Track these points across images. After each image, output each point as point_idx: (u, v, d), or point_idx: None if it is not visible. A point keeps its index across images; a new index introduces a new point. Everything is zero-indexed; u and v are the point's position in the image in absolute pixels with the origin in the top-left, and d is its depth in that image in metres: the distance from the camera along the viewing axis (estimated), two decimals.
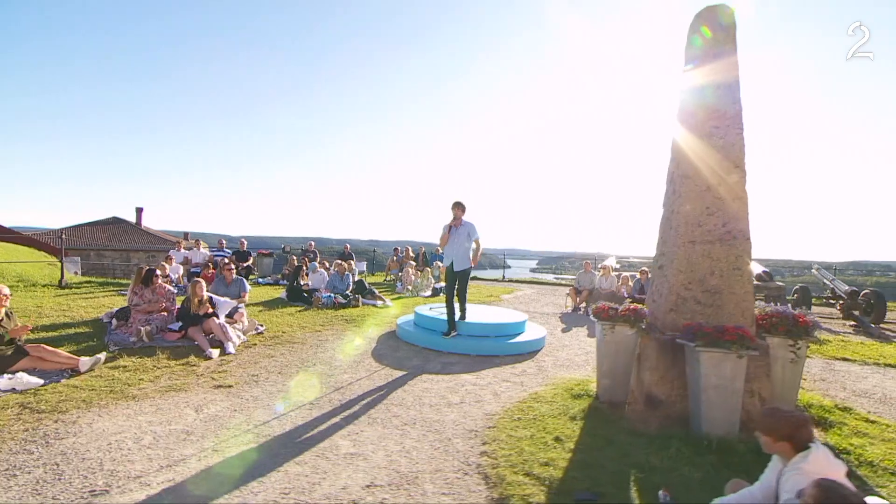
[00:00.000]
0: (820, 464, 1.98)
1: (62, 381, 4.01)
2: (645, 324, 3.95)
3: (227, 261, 8.98)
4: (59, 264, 9.88)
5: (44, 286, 9.34)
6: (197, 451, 3.00)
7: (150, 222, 33.68)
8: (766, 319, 3.83)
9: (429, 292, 11.18)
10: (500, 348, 5.90)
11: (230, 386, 4.24)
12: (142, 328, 5.23)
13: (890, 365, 5.88)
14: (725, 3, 3.99)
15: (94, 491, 2.50)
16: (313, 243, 13.12)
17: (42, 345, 4.24)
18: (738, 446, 3.11)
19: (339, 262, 9.71)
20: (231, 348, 5.28)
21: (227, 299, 6.12)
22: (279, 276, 11.57)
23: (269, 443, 3.17)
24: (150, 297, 5.79)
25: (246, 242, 11.85)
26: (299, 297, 8.51)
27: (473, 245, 5.93)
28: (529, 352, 6.01)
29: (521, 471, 2.80)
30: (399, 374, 4.88)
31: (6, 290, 4.15)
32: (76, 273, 12.29)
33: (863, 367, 5.84)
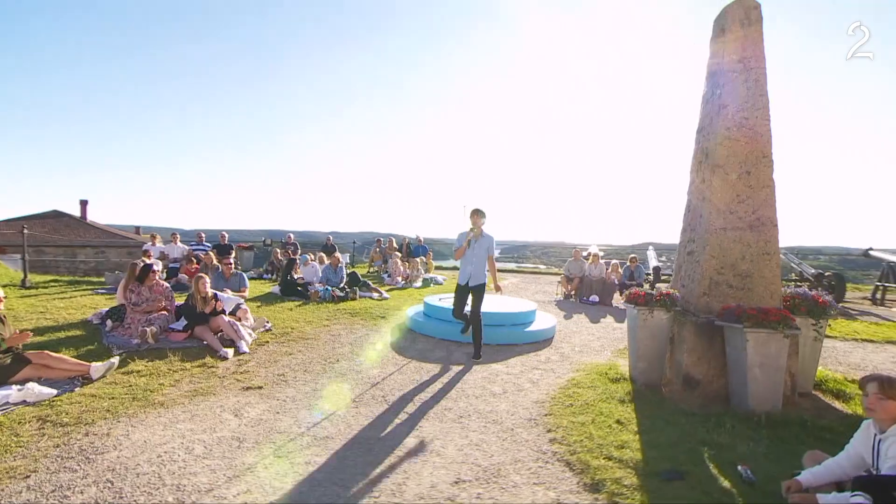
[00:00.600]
0: None
1: (76, 389, 3.64)
2: (679, 308, 4.10)
3: (210, 254, 8.49)
4: (23, 262, 8.93)
5: (3, 286, 8.43)
6: (258, 458, 2.82)
7: (97, 216, 31.19)
8: (789, 301, 4.06)
9: (419, 283, 11.08)
10: (516, 336, 5.95)
11: (260, 387, 4.02)
12: (147, 329, 4.84)
13: (867, 340, 6.44)
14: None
15: None
16: (292, 235, 12.60)
17: (46, 351, 3.83)
18: (785, 420, 3.31)
19: (335, 254, 9.40)
20: (245, 347, 4.99)
21: (230, 294, 5.78)
22: (262, 270, 11.05)
23: (331, 444, 3.03)
24: (147, 296, 5.37)
25: (227, 236, 11.19)
26: (294, 291, 8.17)
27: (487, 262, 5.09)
28: (544, 339, 6.10)
29: (601, 455, 2.84)
30: (428, 366, 4.81)
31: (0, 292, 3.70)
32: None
33: (844, 342, 6.36)
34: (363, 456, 2.89)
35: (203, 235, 10.84)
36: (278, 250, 11.14)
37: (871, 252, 10.86)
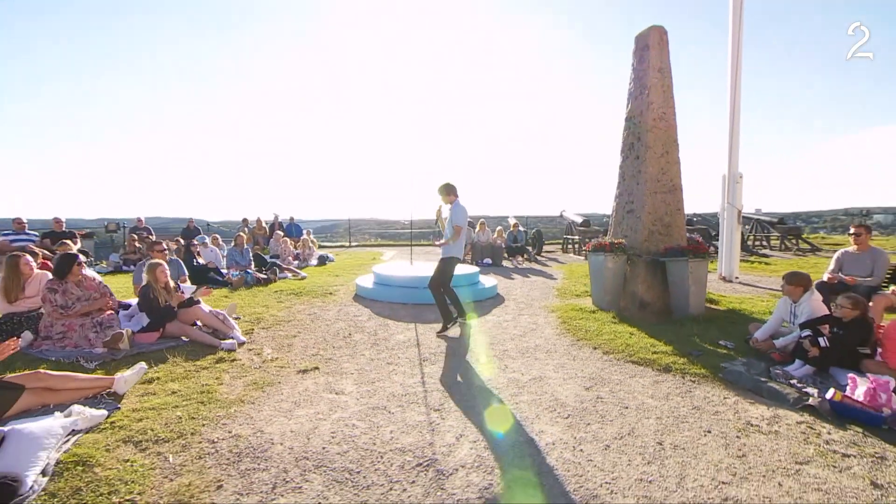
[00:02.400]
0: (817, 296, 3.87)
1: (119, 408, 2.82)
2: (632, 251, 5.59)
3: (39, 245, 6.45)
4: None
5: None
6: (425, 412, 2.95)
7: None
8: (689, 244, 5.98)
9: (315, 261, 10.56)
10: (476, 294, 6.69)
11: (315, 367, 3.79)
12: (123, 332, 3.76)
13: None
14: (662, 25, 5.73)
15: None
16: (142, 219, 10.01)
17: (42, 370, 2.76)
18: (710, 316, 5.09)
19: (239, 234, 8.15)
20: (241, 336, 4.39)
21: (188, 284, 4.82)
22: (120, 262, 8.62)
23: (457, 387, 3.32)
24: (78, 294, 4.06)
25: (64, 221, 8.14)
26: (204, 278, 6.94)
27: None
28: (492, 296, 7.01)
29: (646, 351, 3.98)
30: (436, 325, 5.12)
31: None
32: None
33: None
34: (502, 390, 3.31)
35: (25, 222, 7.64)
36: (135, 236, 8.87)
37: (563, 213, 14.84)
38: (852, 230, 4.68)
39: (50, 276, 4.13)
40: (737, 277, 7.91)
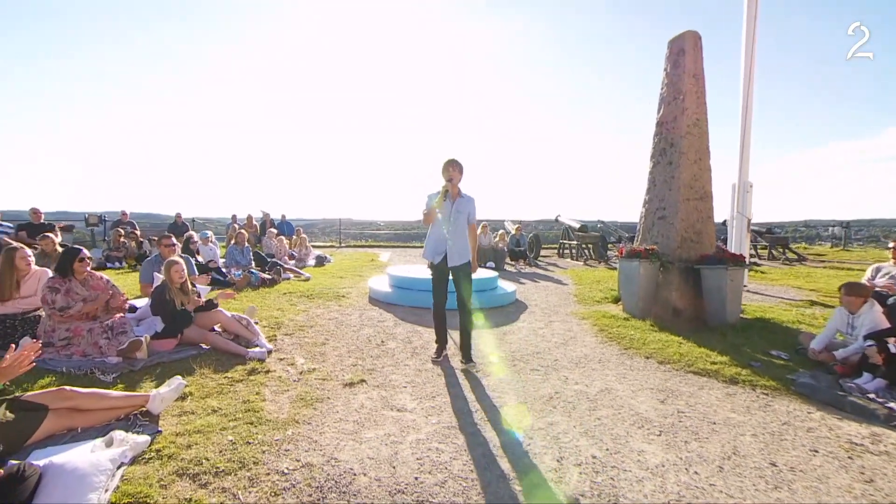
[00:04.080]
0: (878, 308, 3.82)
1: (160, 431, 2.40)
2: (665, 258, 5.47)
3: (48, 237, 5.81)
4: None
5: None
6: (556, 459, 2.68)
7: None
8: (718, 251, 5.93)
9: (312, 261, 10.06)
10: (492, 300, 6.43)
11: (362, 381, 3.43)
12: (142, 339, 3.29)
13: None
14: (695, 30, 5.68)
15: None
16: (127, 212, 9.22)
17: (66, 388, 2.31)
18: (747, 325, 5.02)
19: (240, 232, 7.60)
20: (268, 344, 3.98)
21: (203, 285, 4.35)
22: (103, 258, 7.87)
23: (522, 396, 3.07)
24: (83, 294, 3.55)
25: (42, 213, 7.31)
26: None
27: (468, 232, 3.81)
28: (512, 302, 6.77)
29: (693, 363, 3.83)
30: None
31: None
32: None
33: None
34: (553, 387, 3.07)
35: None
36: (121, 231, 8.14)
37: (559, 218, 14.89)
38: (892, 244, 4.71)
39: (50, 273, 3.60)
40: (745, 286, 7.98)
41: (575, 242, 13.05)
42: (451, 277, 3.84)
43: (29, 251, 3.69)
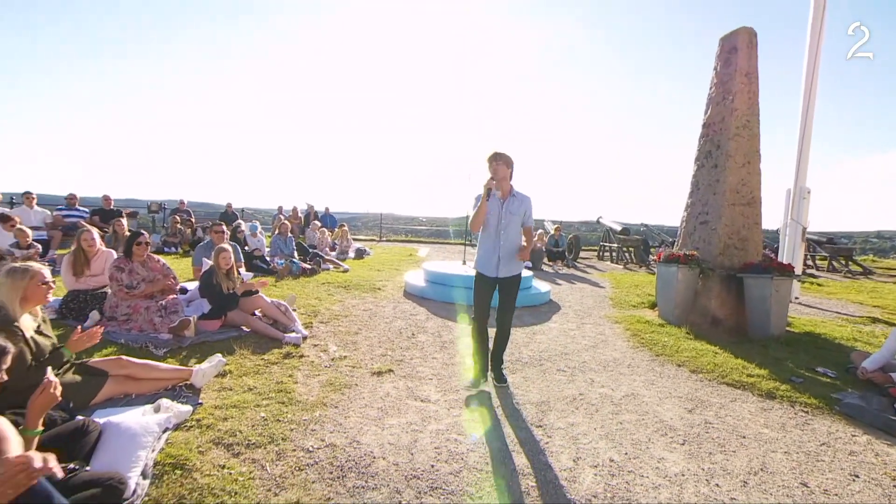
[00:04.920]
0: None
1: (201, 403, 2.63)
2: (705, 265, 5.26)
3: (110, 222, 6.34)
4: None
5: None
6: (572, 459, 2.71)
7: None
8: (764, 259, 5.64)
9: (353, 254, 10.39)
10: (525, 300, 6.41)
11: (390, 370, 3.56)
12: (191, 319, 3.59)
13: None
14: (750, 27, 5.39)
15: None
16: (185, 201, 9.96)
17: (124, 357, 2.59)
18: (792, 338, 4.75)
19: (283, 222, 8.02)
20: (304, 331, 4.20)
21: (245, 271, 4.64)
22: (160, 243, 8.55)
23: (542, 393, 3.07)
24: (144, 275, 3.90)
25: (112, 200, 8.11)
26: (250, 265, 6.77)
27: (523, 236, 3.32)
28: (546, 302, 6.72)
29: (728, 374, 3.68)
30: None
31: (48, 275, 2.31)
32: None
33: None
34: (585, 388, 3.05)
35: (76, 197, 7.62)
36: (178, 218, 8.79)
37: (600, 219, 14.38)
38: None
39: (115, 254, 3.98)
40: (797, 298, 7.51)
41: (616, 245, 12.70)
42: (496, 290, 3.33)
43: (96, 233, 4.08)
